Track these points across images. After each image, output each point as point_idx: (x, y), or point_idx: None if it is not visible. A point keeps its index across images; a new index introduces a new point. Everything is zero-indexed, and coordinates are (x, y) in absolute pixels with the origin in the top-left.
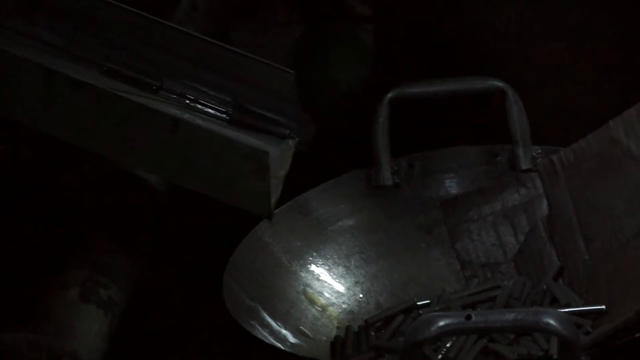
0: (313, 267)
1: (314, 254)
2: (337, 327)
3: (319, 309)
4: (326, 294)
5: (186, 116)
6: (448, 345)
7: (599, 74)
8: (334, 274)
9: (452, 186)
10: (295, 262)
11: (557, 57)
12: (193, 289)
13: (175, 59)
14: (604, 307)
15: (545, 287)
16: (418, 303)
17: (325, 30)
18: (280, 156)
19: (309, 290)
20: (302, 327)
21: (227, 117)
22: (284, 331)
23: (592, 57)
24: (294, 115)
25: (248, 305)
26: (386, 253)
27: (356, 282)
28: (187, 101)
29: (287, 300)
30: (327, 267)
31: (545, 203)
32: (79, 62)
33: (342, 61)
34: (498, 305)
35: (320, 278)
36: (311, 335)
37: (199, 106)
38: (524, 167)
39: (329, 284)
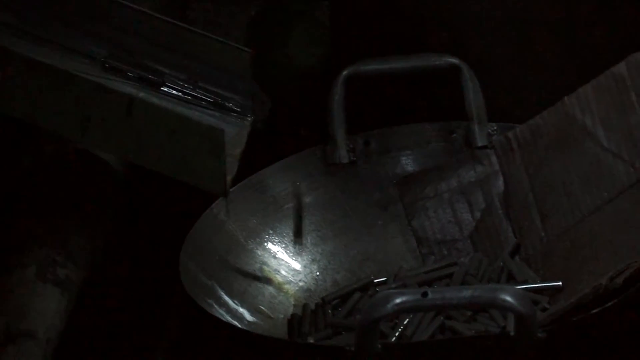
0: (269, 245)
1: (270, 232)
2: (294, 305)
3: (276, 287)
4: (283, 272)
5: (141, 94)
6: (405, 322)
7: (554, 50)
8: (291, 252)
9: (408, 163)
10: (252, 240)
11: (512, 34)
12: (150, 268)
13: (131, 37)
14: (560, 283)
15: (501, 264)
16: (375, 280)
17: (282, 9)
18: (235, 134)
19: (265, 268)
20: (259, 306)
21: (183, 96)
22: (241, 309)
23: (548, 33)
24: (249, 93)
25: (205, 284)
26: (342, 231)
27: (313, 260)
28: (143, 79)
29: (244, 278)
30: (283, 245)
31: (501, 180)
32: (36, 41)
33: (299, 39)
34: (454, 283)
35: (276, 256)
36: (268, 314)
37: (155, 84)
38: (479, 144)
39: (286, 262)
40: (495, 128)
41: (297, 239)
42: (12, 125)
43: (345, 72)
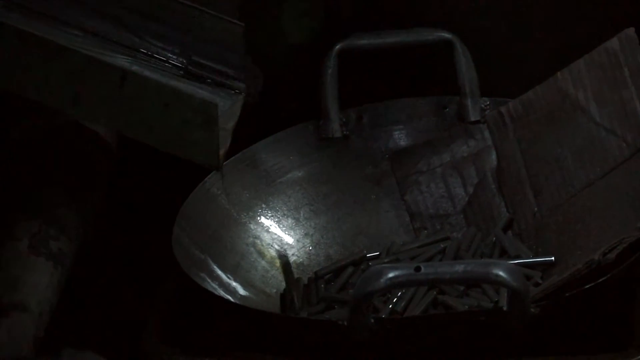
0: (262, 219)
1: (263, 206)
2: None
3: (269, 261)
4: (276, 246)
5: (134, 68)
6: (397, 297)
7: (547, 25)
8: (283, 226)
9: (401, 138)
10: (245, 214)
11: (505, 9)
12: (142, 241)
13: (124, 11)
14: (553, 258)
15: (494, 238)
16: (367, 255)
17: None
18: (229, 108)
19: (258, 242)
20: (252, 280)
21: (176, 69)
22: (233, 283)
23: (541, 8)
24: (242, 67)
25: (198, 258)
26: (335, 205)
27: (305, 234)
28: (136, 53)
29: (237, 252)
30: (276, 219)
31: (494, 154)
32: (28, 14)
33: (292, 13)
34: (447, 257)
35: (269, 230)
36: (261, 288)
37: (148, 58)
38: (472, 119)
39: (279, 236)
40: (488, 103)
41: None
42: (3, 98)
43: (338, 46)
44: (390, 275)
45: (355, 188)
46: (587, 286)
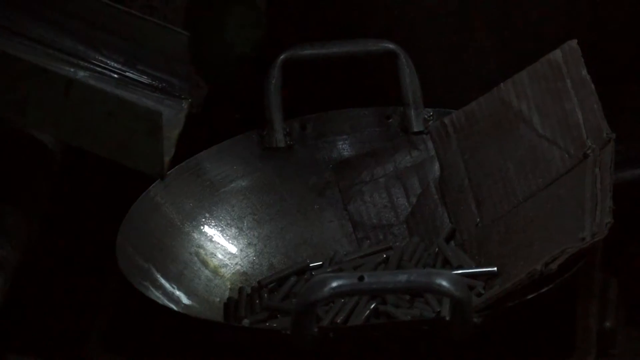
0: (206, 229)
1: (207, 215)
2: (230, 289)
3: (212, 270)
4: (219, 256)
5: (79, 76)
6: (340, 306)
7: (490, 36)
8: (227, 236)
9: (344, 148)
10: (188, 223)
11: (449, 21)
12: (86, 250)
13: (70, 19)
14: (495, 269)
15: (437, 249)
16: (311, 264)
17: None
18: (173, 117)
19: (201, 251)
20: (195, 289)
21: (121, 78)
22: (177, 292)
23: (484, 20)
24: (186, 76)
25: (141, 266)
26: (279, 215)
27: (249, 244)
28: (81, 61)
29: (180, 261)
30: (220, 229)
31: (437, 165)
32: None
33: (236, 24)
34: (390, 267)
35: (213, 239)
36: (204, 297)
37: (93, 67)
38: (415, 129)
39: (222, 245)
40: (431, 113)
41: None
42: None
43: (282, 57)
44: (334, 284)
45: (298, 198)
46: (530, 296)
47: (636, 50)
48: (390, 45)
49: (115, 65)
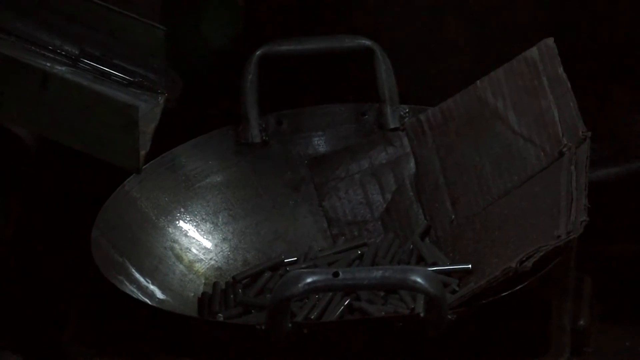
0: (181, 224)
1: (182, 210)
2: (205, 284)
3: (187, 265)
4: (194, 250)
5: (56, 70)
6: (314, 302)
7: (466, 34)
8: (202, 231)
9: (320, 144)
10: (163, 218)
11: (425, 18)
12: (62, 244)
13: (46, 12)
14: (470, 266)
15: (412, 245)
16: (285, 260)
17: None
18: (149, 111)
19: (176, 246)
20: (170, 283)
21: (97, 72)
22: (151, 287)
23: (462, 17)
24: (162, 71)
25: (116, 261)
26: (254, 210)
27: (224, 239)
28: (57, 56)
29: (155, 256)
30: (194, 224)
31: (412, 162)
32: None
33: (212, 19)
34: (365, 264)
35: (188, 234)
36: (179, 291)
37: (69, 61)
38: (391, 126)
39: (197, 240)
40: (407, 110)
41: None
42: None
43: (258, 52)
44: (309, 280)
45: (273, 193)
46: (504, 294)
47: (612, 48)
48: (367, 42)
49: (92, 59)
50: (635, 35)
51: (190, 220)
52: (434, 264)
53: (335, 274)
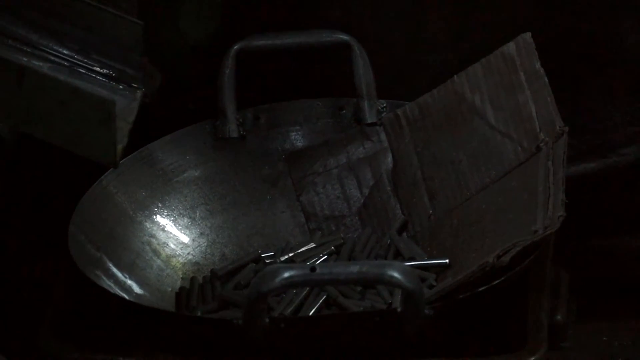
0: (158, 218)
1: (159, 204)
2: (182, 278)
3: (164, 260)
4: (171, 245)
5: (32, 64)
6: (291, 297)
7: (444, 28)
8: (179, 225)
9: (297, 139)
10: (140, 212)
11: (403, 12)
12: (38, 239)
13: (23, 7)
14: (447, 261)
15: (389, 240)
16: (263, 255)
17: None
18: (126, 106)
19: (153, 241)
20: (147, 278)
21: (75, 67)
22: (129, 282)
23: (439, 12)
24: (140, 66)
25: (93, 256)
26: (231, 205)
27: (201, 234)
28: (35, 50)
29: (132, 250)
30: (172, 218)
31: (390, 157)
32: None
33: (190, 14)
34: (342, 258)
35: (165, 229)
36: (156, 286)
37: (46, 55)
38: (369, 121)
39: (174, 235)
40: (384, 105)
41: None
42: None
43: (235, 47)
44: (286, 275)
45: (251, 188)
46: (481, 289)
47: (589, 43)
48: (344, 37)
49: (69, 53)
50: (612, 30)
51: (168, 215)
52: (412, 259)
53: (313, 269)
